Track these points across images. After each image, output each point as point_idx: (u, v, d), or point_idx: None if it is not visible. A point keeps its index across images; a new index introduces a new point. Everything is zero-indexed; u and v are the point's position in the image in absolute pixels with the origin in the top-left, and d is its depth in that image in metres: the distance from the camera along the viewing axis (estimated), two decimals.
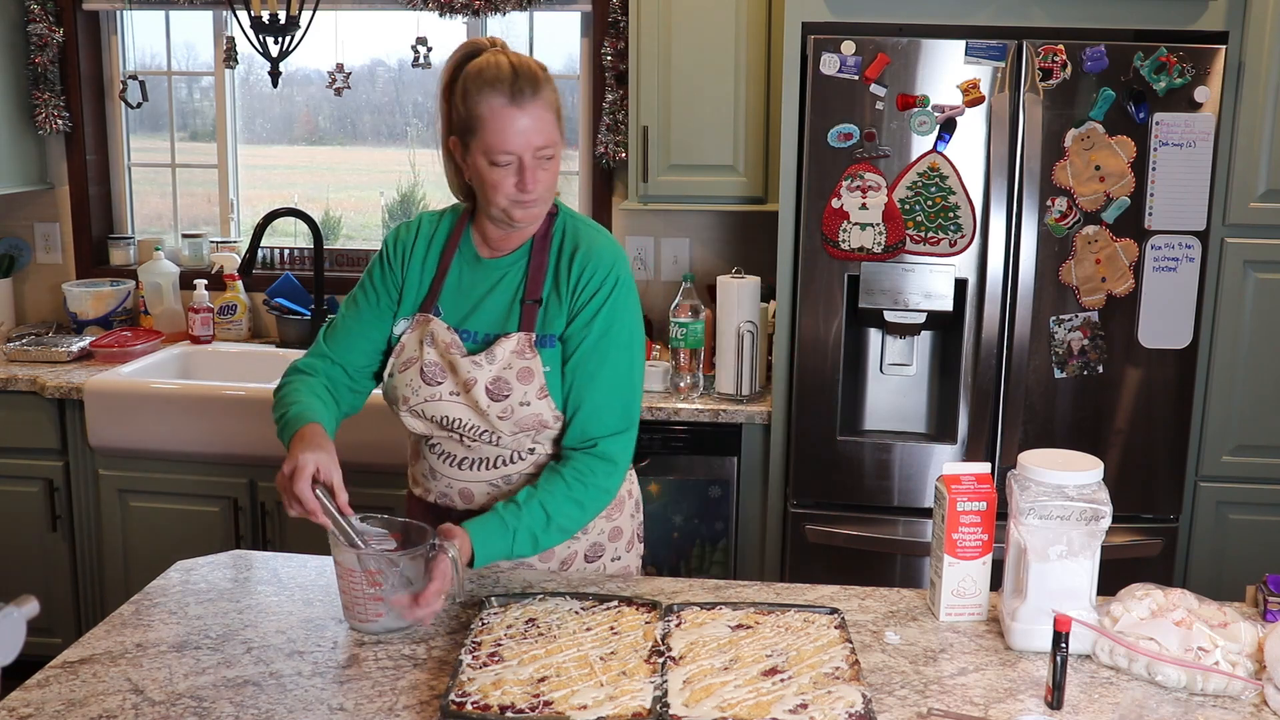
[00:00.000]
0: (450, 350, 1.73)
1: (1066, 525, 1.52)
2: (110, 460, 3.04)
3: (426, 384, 1.74)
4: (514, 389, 1.71)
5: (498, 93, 1.61)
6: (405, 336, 1.78)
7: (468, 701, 1.31)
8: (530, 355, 1.71)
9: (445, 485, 1.82)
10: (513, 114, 1.61)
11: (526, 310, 1.73)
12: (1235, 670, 1.43)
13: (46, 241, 3.68)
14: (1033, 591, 1.53)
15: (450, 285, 1.78)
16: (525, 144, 1.62)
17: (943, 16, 2.63)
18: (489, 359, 1.71)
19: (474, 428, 1.74)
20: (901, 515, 2.75)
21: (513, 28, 3.54)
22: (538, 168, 1.65)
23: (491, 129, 1.62)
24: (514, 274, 1.77)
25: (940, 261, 2.62)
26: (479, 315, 1.76)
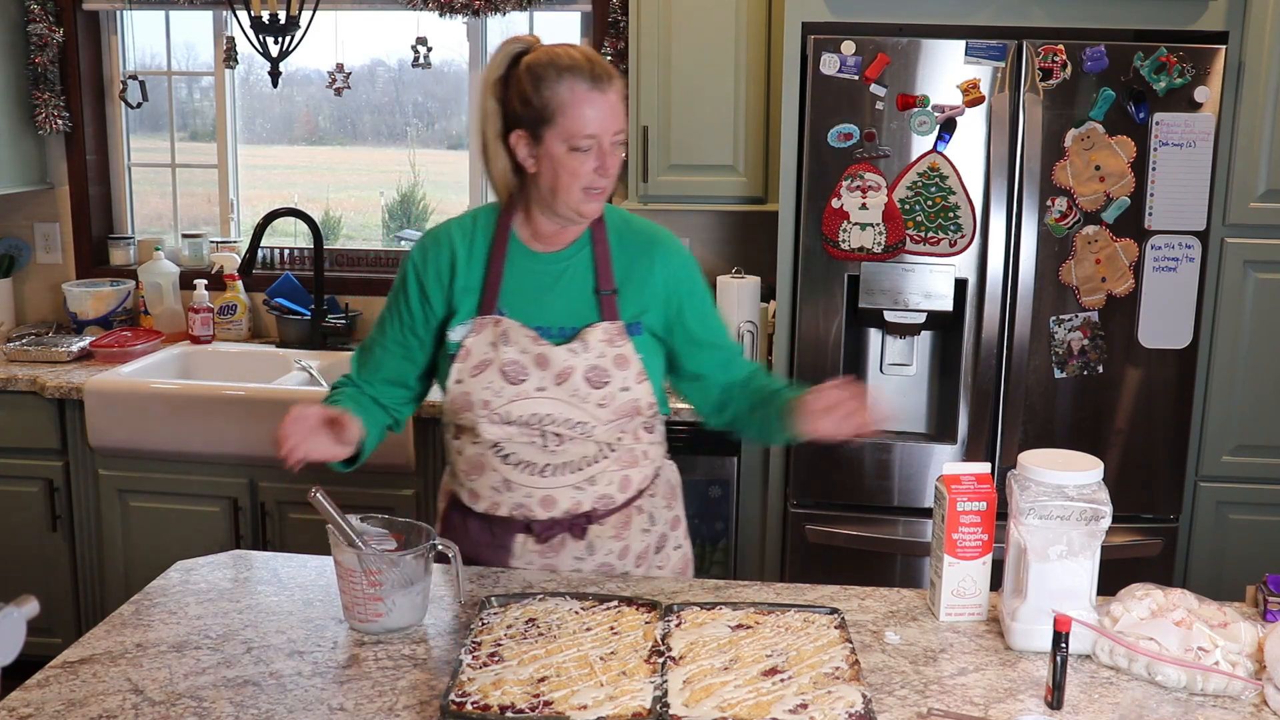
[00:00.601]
0: (537, 344, 1.72)
1: (1066, 525, 1.52)
2: (110, 460, 3.04)
3: (510, 383, 1.71)
4: (613, 375, 1.72)
5: (579, 78, 1.62)
6: (469, 341, 1.73)
7: (468, 701, 1.31)
8: (622, 342, 1.73)
9: (524, 495, 1.77)
10: (595, 97, 1.63)
11: (605, 300, 1.74)
12: (1235, 670, 1.43)
13: (46, 241, 3.68)
14: (1033, 591, 1.53)
15: (510, 285, 1.76)
16: (606, 127, 1.64)
17: (943, 16, 2.63)
18: (583, 347, 1.71)
19: (566, 420, 1.72)
20: (901, 515, 2.75)
21: (512, 28, 3.54)
22: (613, 152, 1.67)
23: (573, 113, 1.62)
24: (577, 265, 1.77)
25: (940, 261, 2.62)
26: (549, 310, 1.75)
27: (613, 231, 1.79)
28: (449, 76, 3.71)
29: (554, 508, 1.77)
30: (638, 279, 1.77)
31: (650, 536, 1.87)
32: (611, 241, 1.78)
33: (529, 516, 1.78)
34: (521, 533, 1.80)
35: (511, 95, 1.67)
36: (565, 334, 1.74)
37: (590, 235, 1.78)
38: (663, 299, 1.78)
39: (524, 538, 1.80)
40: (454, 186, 3.79)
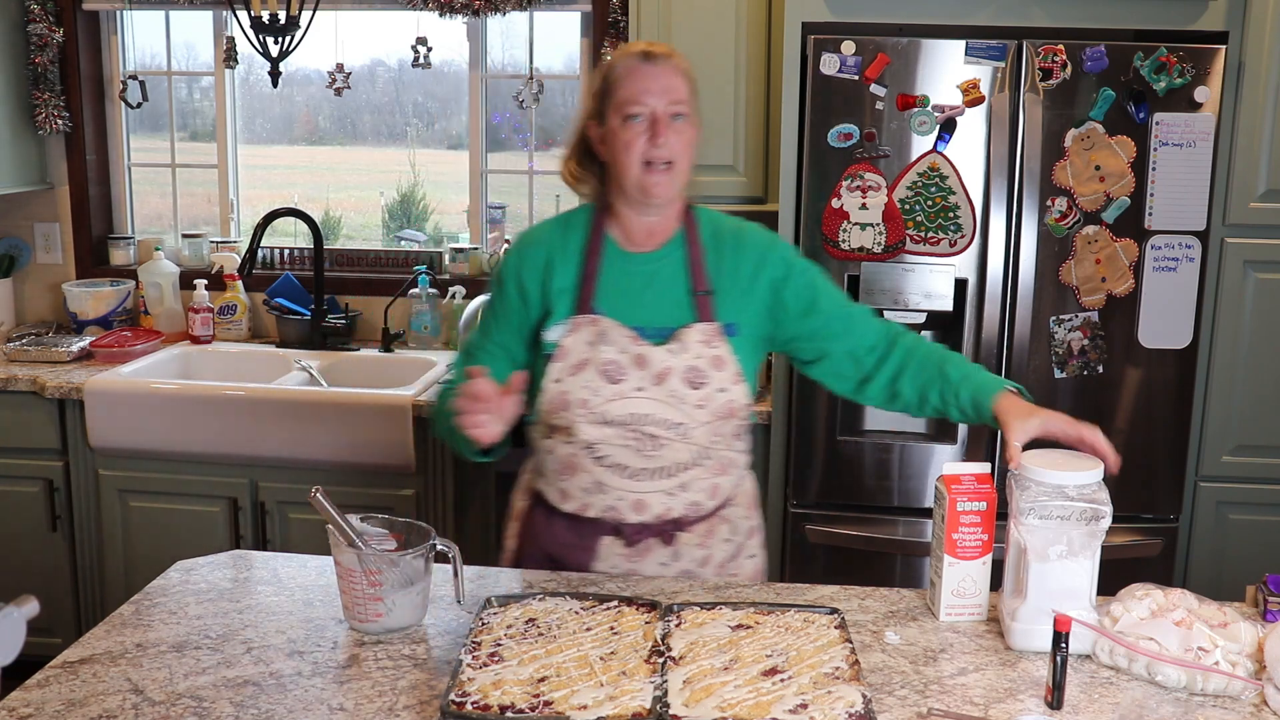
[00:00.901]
0: (636, 343, 1.72)
1: (1066, 525, 1.52)
2: (110, 460, 3.04)
3: (609, 382, 1.71)
4: (710, 377, 1.72)
5: (632, 55, 1.71)
6: (567, 340, 1.73)
7: (468, 701, 1.30)
8: (719, 343, 1.74)
9: (616, 498, 1.77)
10: (646, 68, 1.69)
11: (701, 301, 1.75)
12: (1235, 670, 1.43)
13: (46, 241, 3.68)
14: (1033, 591, 1.53)
15: (605, 284, 1.77)
16: (656, 94, 1.68)
17: (943, 16, 2.63)
18: (681, 347, 1.72)
19: (664, 420, 1.72)
20: (901, 515, 2.75)
21: (513, 27, 3.54)
22: (670, 125, 1.69)
23: (625, 85, 1.69)
24: (670, 266, 1.78)
25: (940, 261, 2.62)
26: (645, 310, 1.76)
27: (705, 232, 1.81)
28: (449, 76, 3.71)
29: (645, 512, 1.77)
30: (732, 280, 1.78)
31: (731, 545, 1.86)
32: (705, 242, 1.79)
33: (619, 520, 1.77)
34: (609, 535, 1.79)
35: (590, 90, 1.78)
36: (662, 334, 1.74)
37: (683, 236, 1.79)
38: (760, 293, 1.79)
39: (610, 540, 1.79)
40: (454, 186, 3.79)
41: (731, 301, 1.77)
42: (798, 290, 1.81)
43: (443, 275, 3.58)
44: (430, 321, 3.45)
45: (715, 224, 1.83)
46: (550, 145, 3.67)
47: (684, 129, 1.71)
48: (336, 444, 2.92)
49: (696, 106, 1.75)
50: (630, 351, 1.72)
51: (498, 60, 3.62)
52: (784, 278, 1.80)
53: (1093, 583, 1.55)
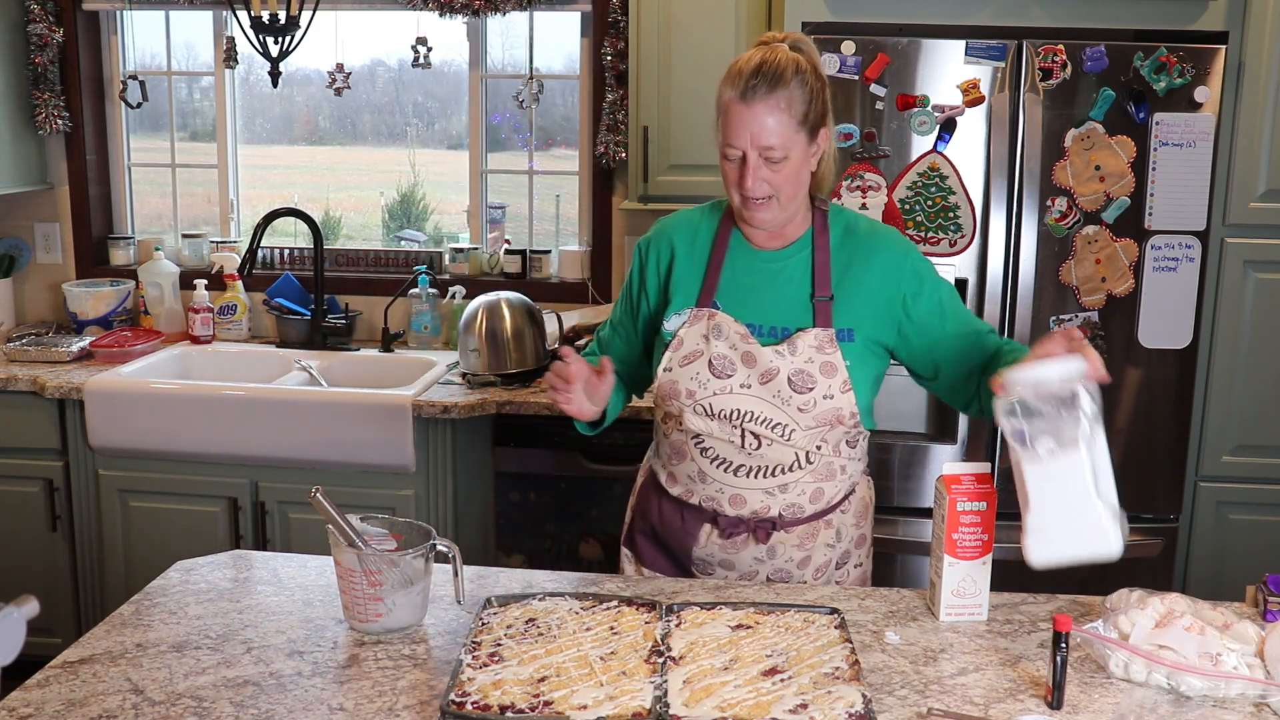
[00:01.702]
0: (746, 341, 1.73)
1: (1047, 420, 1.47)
2: (110, 460, 3.04)
3: (716, 376, 1.73)
4: (818, 382, 1.72)
5: (731, 87, 1.66)
6: (683, 331, 1.77)
7: (467, 701, 1.31)
8: (831, 350, 1.73)
9: (715, 489, 1.79)
10: (738, 109, 1.65)
11: (820, 306, 1.75)
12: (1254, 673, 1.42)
13: (46, 241, 3.68)
14: (1034, 497, 1.49)
15: (727, 279, 1.78)
16: (747, 140, 1.65)
17: (943, 16, 2.63)
18: (791, 351, 1.72)
19: (766, 421, 1.72)
20: (901, 515, 2.75)
21: (513, 27, 3.54)
22: (761, 167, 1.67)
23: (721, 122, 1.68)
24: (795, 267, 1.77)
25: (940, 261, 2.62)
26: (763, 308, 1.76)
27: (835, 234, 1.79)
28: (449, 76, 3.71)
29: (742, 507, 1.78)
30: (855, 285, 1.76)
31: (834, 551, 1.85)
32: (833, 245, 1.78)
33: (717, 510, 1.80)
34: (709, 523, 1.81)
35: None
36: (776, 334, 1.75)
37: (811, 236, 1.78)
38: (883, 303, 1.76)
39: (710, 528, 1.81)
40: (454, 186, 3.79)
41: (852, 308, 1.75)
42: (927, 309, 1.78)
43: (443, 275, 3.58)
44: (430, 321, 3.45)
45: (849, 226, 1.80)
46: (550, 145, 3.67)
47: (783, 167, 1.67)
48: (336, 444, 2.91)
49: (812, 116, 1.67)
50: (740, 348, 1.73)
51: (498, 60, 3.62)
52: (915, 294, 1.77)
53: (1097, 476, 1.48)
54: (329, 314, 3.46)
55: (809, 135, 1.68)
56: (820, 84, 1.69)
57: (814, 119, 1.68)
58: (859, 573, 1.92)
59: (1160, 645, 1.45)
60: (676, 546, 1.86)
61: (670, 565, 1.89)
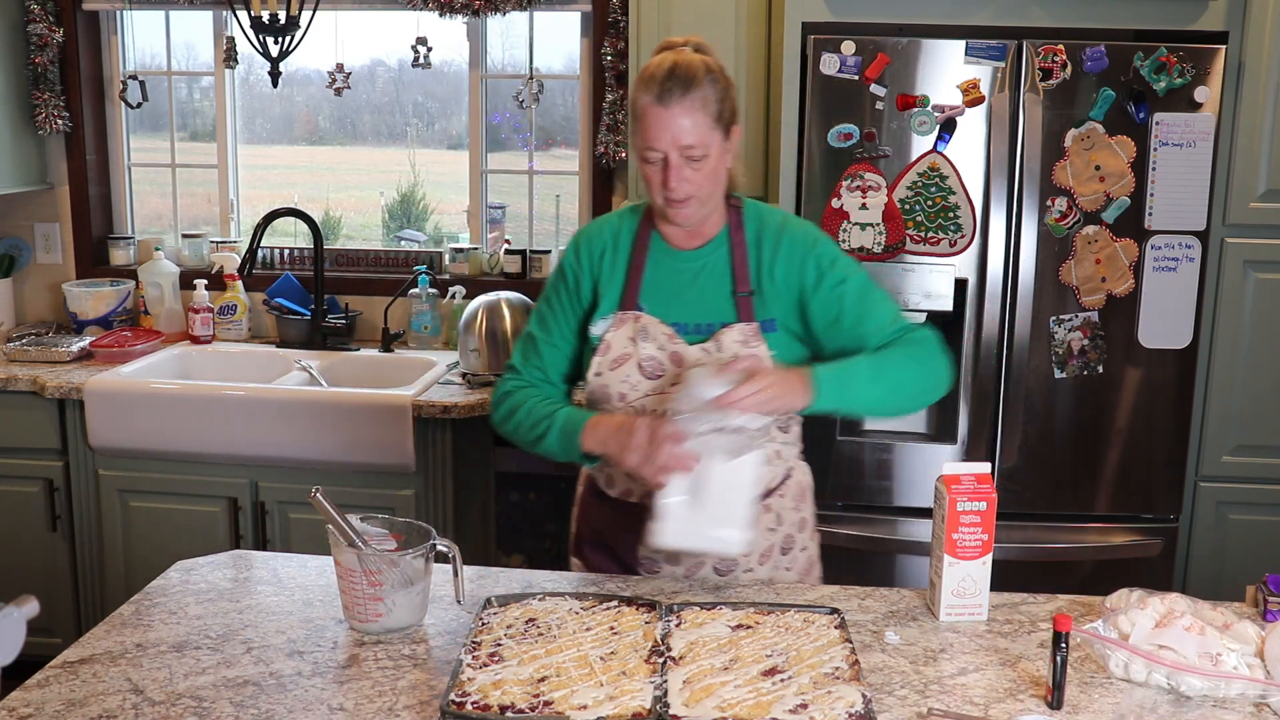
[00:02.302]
0: (673, 341, 1.75)
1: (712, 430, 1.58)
2: (110, 460, 3.04)
3: (647, 378, 1.75)
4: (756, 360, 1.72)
5: (648, 90, 1.68)
6: (610, 335, 1.78)
7: (467, 701, 1.31)
8: (756, 343, 1.75)
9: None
10: (657, 111, 1.67)
11: (741, 301, 1.77)
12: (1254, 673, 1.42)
13: (46, 241, 3.68)
14: (680, 487, 1.61)
15: (649, 281, 1.80)
16: (667, 142, 1.67)
17: (943, 16, 2.63)
18: (716, 347, 1.74)
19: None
20: (901, 515, 2.74)
21: (513, 27, 3.54)
22: (683, 167, 1.68)
23: (640, 126, 1.69)
24: (714, 264, 1.79)
25: (940, 261, 2.62)
26: (686, 307, 1.78)
27: (750, 228, 1.81)
28: (449, 76, 3.71)
29: None
30: (770, 277, 1.78)
31: (775, 536, 1.87)
32: (749, 239, 1.80)
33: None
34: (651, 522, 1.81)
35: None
36: (701, 331, 1.77)
37: (727, 233, 1.80)
38: (790, 293, 1.78)
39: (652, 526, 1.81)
40: (454, 187, 3.79)
41: (770, 299, 1.78)
42: (824, 302, 1.78)
43: (443, 275, 3.58)
44: (430, 321, 3.45)
45: (760, 220, 1.82)
46: (550, 145, 3.67)
47: (703, 165, 1.70)
48: (336, 444, 2.91)
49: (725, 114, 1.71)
50: (667, 349, 1.76)
51: (498, 60, 3.62)
52: (814, 286, 1.78)
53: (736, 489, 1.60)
54: (329, 314, 3.46)
55: (724, 133, 1.72)
56: (728, 83, 1.73)
57: (727, 117, 1.72)
58: (805, 556, 1.94)
59: (1160, 645, 1.45)
60: (622, 549, 1.85)
61: (618, 569, 1.89)
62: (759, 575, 1.85)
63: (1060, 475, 2.69)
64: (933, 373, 1.77)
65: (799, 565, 1.92)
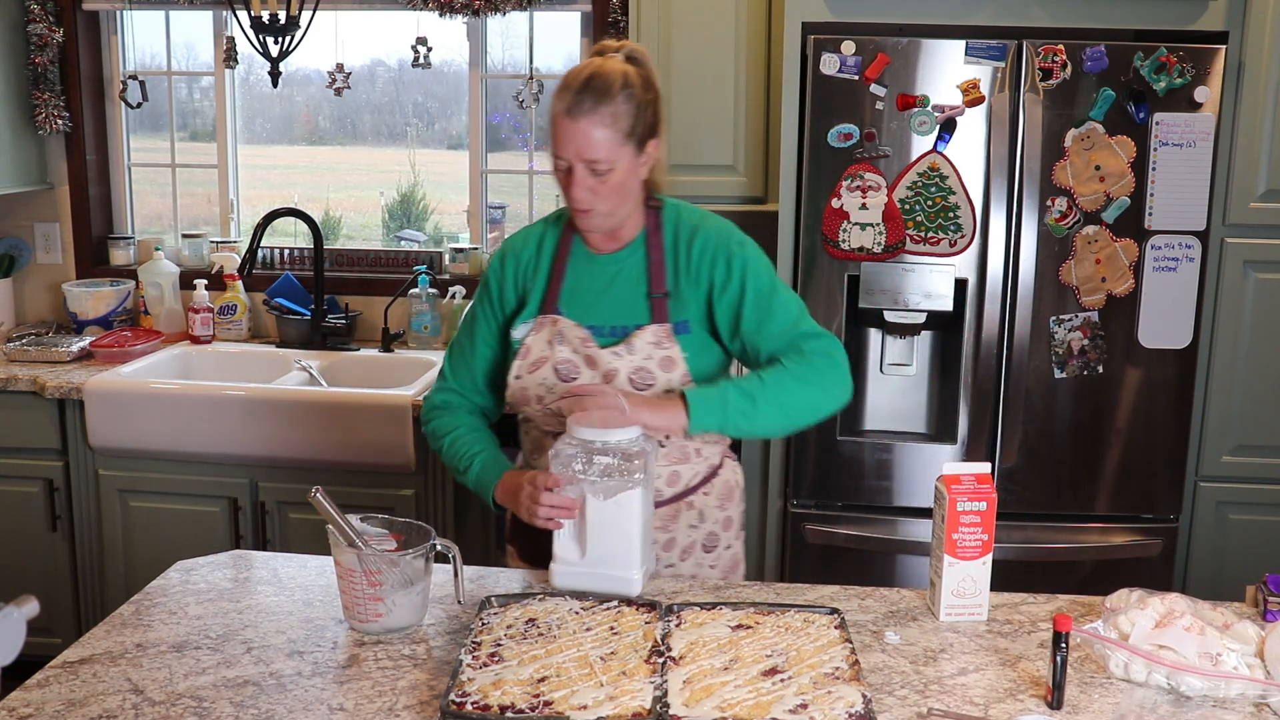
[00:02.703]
0: (586, 345, 1.76)
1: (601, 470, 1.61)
2: (110, 460, 3.04)
3: (562, 380, 1.77)
4: (658, 378, 1.75)
5: (561, 100, 1.69)
6: (530, 339, 1.80)
7: (468, 701, 1.31)
8: (669, 344, 1.76)
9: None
10: (565, 123, 1.68)
11: (656, 303, 1.78)
12: (1254, 673, 1.42)
13: (46, 241, 3.68)
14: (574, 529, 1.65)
15: (569, 285, 1.82)
16: (573, 153, 1.68)
17: (943, 16, 2.63)
18: (628, 350, 1.75)
19: None
20: (901, 515, 2.74)
21: (513, 28, 3.54)
22: (587, 178, 1.69)
23: (552, 133, 1.71)
24: (631, 267, 1.81)
25: (940, 261, 2.62)
26: (602, 309, 1.80)
27: (668, 229, 1.81)
28: (449, 76, 3.71)
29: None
30: (684, 277, 1.79)
31: (698, 533, 1.88)
32: (666, 241, 1.81)
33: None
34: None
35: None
36: (617, 334, 1.78)
37: (645, 236, 1.81)
38: (702, 292, 1.79)
39: None
40: (454, 187, 3.79)
41: (687, 300, 1.79)
42: (730, 303, 1.78)
43: (443, 275, 3.58)
44: (430, 321, 3.45)
45: (678, 221, 1.82)
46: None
47: (608, 178, 1.70)
48: (336, 444, 2.91)
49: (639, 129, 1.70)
50: (581, 352, 1.77)
51: (498, 60, 3.62)
52: (722, 286, 1.78)
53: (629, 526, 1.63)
54: (329, 314, 3.46)
55: (636, 147, 1.71)
56: (651, 96, 1.73)
57: (642, 131, 1.71)
58: (729, 555, 1.94)
59: (1160, 645, 1.45)
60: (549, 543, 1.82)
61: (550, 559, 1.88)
62: (681, 571, 1.86)
63: (1060, 475, 2.69)
64: (823, 390, 1.75)
65: (723, 564, 1.93)
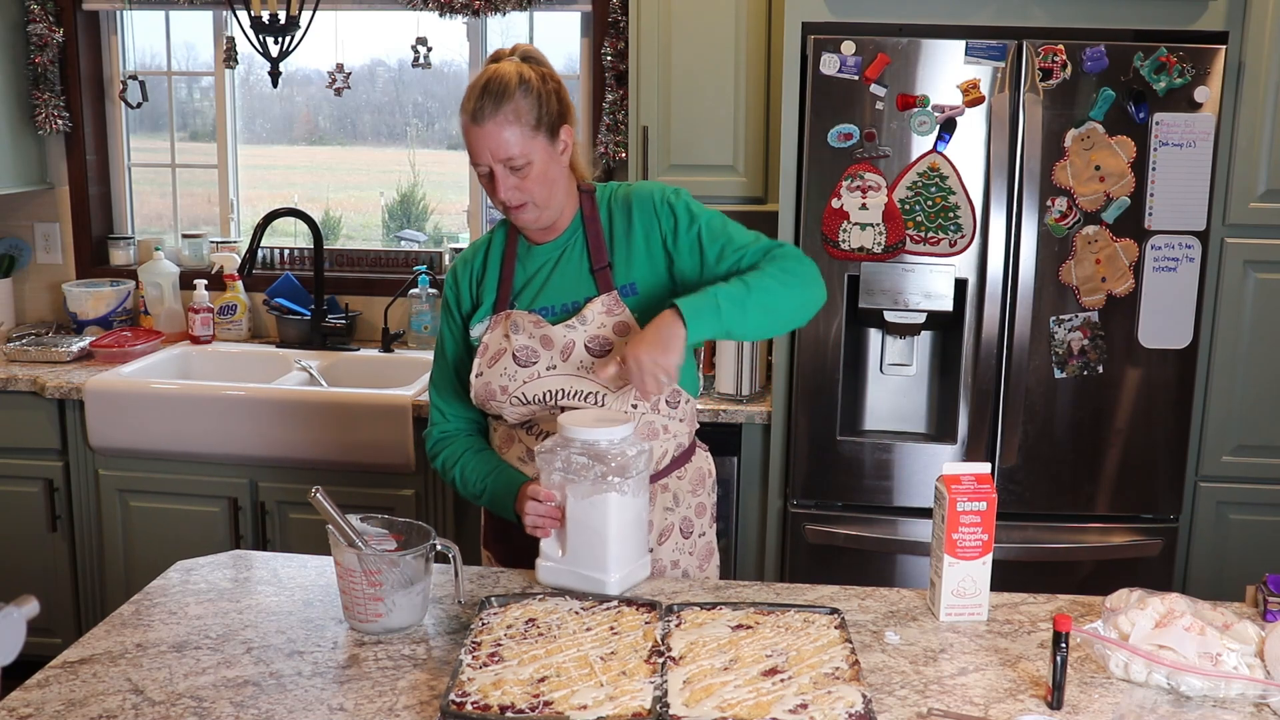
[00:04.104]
0: (539, 326, 1.79)
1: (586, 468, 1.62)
2: (110, 460, 3.04)
3: (522, 366, 1.79)
4: (615, 344, 1.77)
5: (465, 110, 1.74)
6: (487, 336, 1.84)
7: (467, 701, 1.31)
8: (619, 310, 1.79)
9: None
10: (473, 130, 1.73)
11: (600, 275, 1.81)
12: (1254, 673, 1.42)
13: (46, 241, 3.68)
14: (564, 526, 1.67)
15: (519, 281, 1.86)
16: (489, 156, 1.73)
17: (943, 16, 2.63)
18: (580, 322, 1.79)
19: (577, 393, 1.78)
20: (901, 515, 2.75)
21: (513, 28, 3.54)
22: (509, 176, 1.74)
23: (466, 142, 1.76)
24: (573, 248, 1.84)
25: (940, 261, 2.62)
26: (549, 292, 1.84)
27: (602, 208, 1.86)
28: (449, 76, 3.71)
29: None
30: (625, 244, 1.83)
31: (674, 516, 1.89)
32: (603, 217, 1.85)
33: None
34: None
35: None
36: (567, 310, 1.82)
37: (581, 218, 1.85)
38: (651, 249, 1.82)
39: None
40: (454, 187, 3.79)
41: (629, 264, 1.82)
42: (688, 245, 1.81)
43: (443, 275, 3.58)
44: (430, 321, 3.45)
45: (610, 197, 1.87)
46: None
47: (529, 171, 1.74)
48: (336, 444, 2.91)
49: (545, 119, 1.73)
50: (536, 335, 1.80)
51: None
52: (672, 230, 1.81)
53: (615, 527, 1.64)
54: (329, 314, 3.46)
55: (548, 137, 1.75)
56: (551, 86, 1.76)
57: (550, 120, 1.75)
58: (704, 542, 1.96)
59: (1160, 645, 1.45)
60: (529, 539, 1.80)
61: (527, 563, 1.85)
62: (661, 556, 1.87)
63: (1060, 475, 2.69)
64: (804, 289, 1.77)
65: (699, 550, 1.95)
